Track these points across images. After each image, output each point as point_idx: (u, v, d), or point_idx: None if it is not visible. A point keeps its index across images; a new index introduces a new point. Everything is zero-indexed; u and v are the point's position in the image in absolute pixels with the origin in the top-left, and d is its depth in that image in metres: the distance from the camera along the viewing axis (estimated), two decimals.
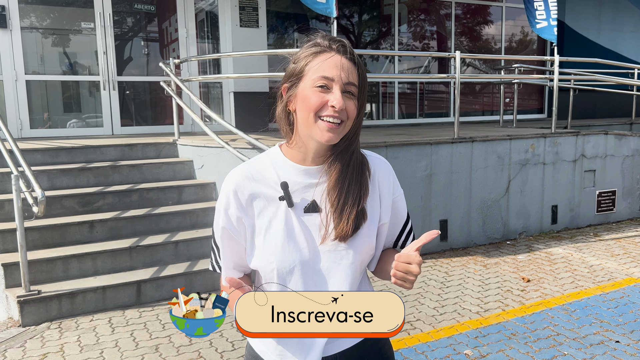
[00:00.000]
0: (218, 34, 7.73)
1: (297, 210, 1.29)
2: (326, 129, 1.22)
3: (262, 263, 1.29)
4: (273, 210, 1.29)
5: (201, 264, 4.53)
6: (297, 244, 1.27)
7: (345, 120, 1.24)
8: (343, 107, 1.21)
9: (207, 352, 3.40)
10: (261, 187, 1.30)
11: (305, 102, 1.23)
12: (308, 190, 1.30)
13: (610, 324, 3.76)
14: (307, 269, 1.27)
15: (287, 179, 1.29)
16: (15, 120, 6.61)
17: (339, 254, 1.28)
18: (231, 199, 1.30)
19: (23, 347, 3.50)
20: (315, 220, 1.29)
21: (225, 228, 1.32)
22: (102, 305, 4.08)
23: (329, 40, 1.26)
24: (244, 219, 1.30)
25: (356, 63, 1.26)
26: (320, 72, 1.22)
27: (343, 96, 1.21)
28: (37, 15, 6.88)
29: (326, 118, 1.21)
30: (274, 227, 1.28)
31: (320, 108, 1.21)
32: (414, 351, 3.38)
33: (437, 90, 10.18)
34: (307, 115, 1.23)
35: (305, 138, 1.28)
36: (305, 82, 1.24)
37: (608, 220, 6.94)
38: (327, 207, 1.28)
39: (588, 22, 10.70)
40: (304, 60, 1.26)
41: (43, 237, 4.39)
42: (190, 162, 5.72)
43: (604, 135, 6.75)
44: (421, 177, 5.45)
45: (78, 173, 5.17)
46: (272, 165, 1.32)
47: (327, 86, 1.22)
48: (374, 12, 9.46)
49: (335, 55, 1.24)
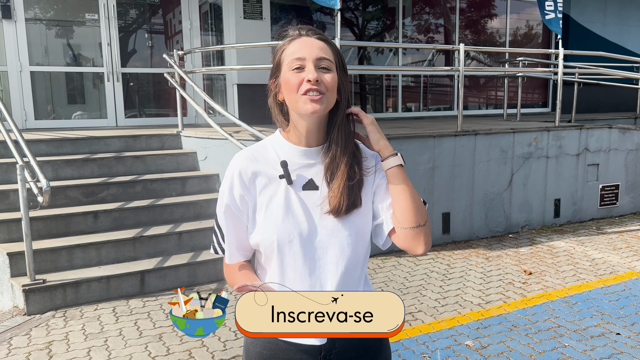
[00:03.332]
0: (222, 26, 7.72)
1: (296, 187, 1.36)
2: (308, 101, 1.29)
3: (262, 237, 1.34)
4: (274, 188, 1.36)
5: (204, 254, 4.55)
6: (295, 217, 1.34)
7: (326, 92, 1.30)
8: (317, 78, 1.28)
9: (209, 340, 3.43)
10: (263, 167, 1.38)
11: (287, 85, 1.32)
12: (306, 169, 1.38)
13: (612, 317, 3.77)
14: (305, 241, 1.33)
15: (287, 159, 1.37)
16: (20, 111, 6.64)
17: (335, 228, 1.34)
18: (235, 178, 1.37)
19: (28, 335, 3.54)
20: (313, 197, 1.36)
21: (229, 206, 1.38)
22: (106, 294, 4.12)
23: (298, 29, 1.36)
24: (246, 197, 1.37)
25: (327, 41, 1.35)
26: (293, 55, 1.31)
27: (318, 71, 1.29)
28: (41, 7, 6.88)
29: (306, 92, 1.29)
30: (274, 203, 1.35)
31: (300, 86, 1.29)
32: (415, 342, 3.41)
33: (440, 84, 10.16)
34: (291, 97, 1.31)
35: (296, 120, 1.36)
36: (284, 69, 1.33)
37: (611, 214, 6.94)
38: (324, 185, 1.36)
39: (593, 15, 10.64)
40: (279, 52, 1.36)
41: (48, 227, 4.43)
42: (194, 154, 5.74)
43: (608, 129, 6.74)
44: (424, 170, 5.46)
45: (82, 164, 5.19)
46: (273, 147, 1.41)
47: (301, 66, 1.30)
48: (378, 5, 9.43)
49: (304, 37, 1.34)
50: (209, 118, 5.44)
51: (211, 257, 4.46)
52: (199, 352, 3.29)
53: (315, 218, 1.35)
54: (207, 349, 3.33)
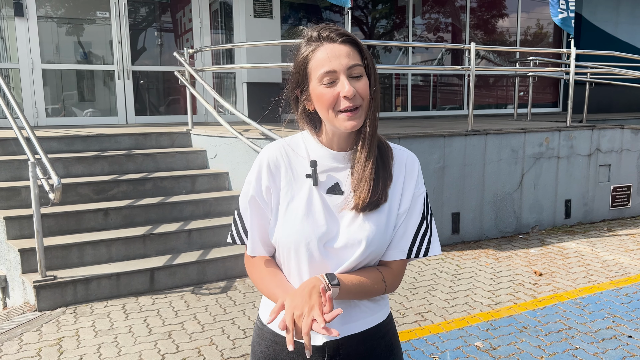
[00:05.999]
0: (232, 24, 7.73)
1: (321, 189, 1.33)
2: (346, 119, 1.25)
3: (281, 235, 1.32)
4: (298, 186, 1.34)
5: (214, 252, 4.56)
6: (315, 220, 1.30)
7: (362, 104, 1.26)
8: (354, 92, 1.23)
9: (219, 339, 3.44)
10: (292, 162, 1.36)
11: (320, 100, 1.26)
12: (334, 173, 1.34)
13: (623, 319, 3.73)
14: (322, 245, 1.30)
15: (317, 159, 1.34)
16: (31, 109, 6.68)
17: (354, 232, 1.30)
18: (264, 169, 1.35)
19: (39, 331, 3.56)
20: (337, 201, 1.32)
21: (255, 197, 1.35)
22: (116, 291, 4.14)
23: (318, 31, 1.27)
24: (272, 189, 1.34)
25: (353, 42, 1.27)
26: (322, 68, 1.24)
27: (351, 81, 1.24)
28: (52, 4, 6.92)
29: (344, 110, 1.24)
30: (296, 201, 1.32)
31: (336, 102, 1.24)
32: (425, 342, 3.39)
33: (450, 83, 10.11)
34: (326, 112, 1.27)
35: (330, 130, 1.33)
36: (313, 82, 1.26)
37: (622, 216, 6.87)
38: (349, 190, 1.32)
39: (606, 15, 10.55)
40: (303, 62, 1.28)
41: (59, 224, 4.45)
42: (204, 152, 5.75)
43: (620, 130, 6.67)
44: (434, 170, 5.43)
45: (93, 161, 5.22)
46: (305, 144, 1.38)
47: (333, 80, 1.24)
48: (388, 3, 9.39)
49: (328, 44, 1.25)
50: (219, 116, 5.45)
51: (220, 255, 4.46)
52: (208, 350, 3.30)
53: (336, 222, 1.31)
54: (216, 347, 3.33)
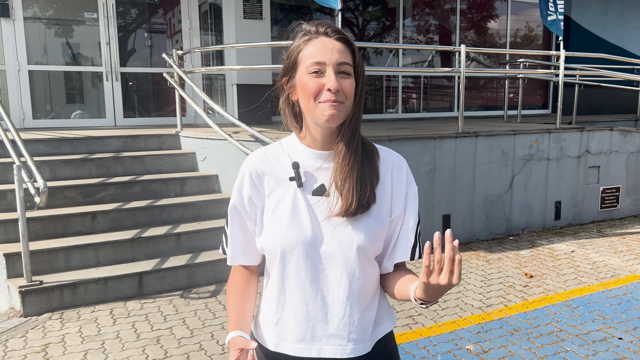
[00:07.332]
0: (222, 25, 7.69)
1: (306, 191, 1.31)
2: (326, 107, 1.23)
3: (267, 241, 1.30)
4: (283, 191, 1.32)
5: (203, 256, 4.51)
6: (301, 223, 1.28)
7: (344, 101, 1.25)
8: (338, 87, 1.22)
9: (208, 344, 3.40)
10: (274, 168, 1.34)
11: (303, 89, 1.25)
12: (318, 173, 1.32)
13: (614, 321, 3.74)
14: (309, 250, 1.27)
15: (299, 161, 1.32)
16: (17, 111, 6.60)
17: (343, 238, 1.27)
18: (246, 179, 1.35)
19: (24, 337, 3.50)
20: (322, 203, 1.30)
21: (236, 205, 1.36)
22: (104, 296, 4.08)
23: (315, 26, 1.28)
24: (255, 198, 1.33)
25: (347, 42, 1.27)
26: (312, 58, 1.24)
27: (338, 77, 1.23)
28: (40, 5, 6.84)
29: (326, 102, 1.23)
30: (281, 206, 1.30)
31: (318, 93, 1.23)
32: (416, 345, 3.37)
33: (441, 85, 10.13)
34: (307, 102, 1.25)
35: (311, 125, 1.31)
36: (301, 71, 1.26)
37: (612, 217, 6.91)
38: (334, 190, 1.29)
39: (594, 17, 10.63)
40: (295, 51, 1.28)
41: (45, 228, 4.39)
42: (193, 154, 5.70)
43: (609, 132, 6.71)
44: (424, 172, 5.42)
45: (80, 164, 5.15)
46: (286, 148, 1.36)
47: (320, 70, 1.23)
48: (378, 5, 9.39)
49: (323, 38, 1.26)
50: (208, 118, 5.40)
51: (210, 259, 4.42)
52: (197, 356, 3.25)
53: (322, 226, 1.28)
54: (205, 353, 3.29)
